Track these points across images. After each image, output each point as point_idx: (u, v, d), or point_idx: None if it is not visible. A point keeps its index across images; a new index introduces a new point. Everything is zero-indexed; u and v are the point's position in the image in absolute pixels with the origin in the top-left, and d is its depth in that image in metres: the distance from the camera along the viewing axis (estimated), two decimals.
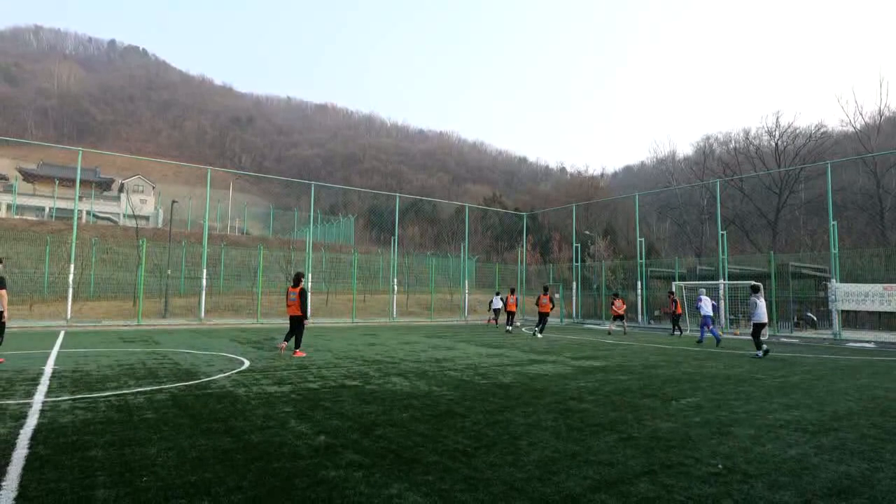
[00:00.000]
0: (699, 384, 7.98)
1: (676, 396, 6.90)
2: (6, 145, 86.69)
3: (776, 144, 53.83)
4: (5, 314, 9.43)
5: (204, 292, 22.42)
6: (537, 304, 18.66)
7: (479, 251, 52.90)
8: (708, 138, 68.52)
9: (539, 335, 17.74)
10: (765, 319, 12.44)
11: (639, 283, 27.21)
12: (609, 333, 19.76)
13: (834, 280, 19.60)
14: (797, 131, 53.03)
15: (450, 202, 64.29)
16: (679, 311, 21.21)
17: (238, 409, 5.74)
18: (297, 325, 11.27)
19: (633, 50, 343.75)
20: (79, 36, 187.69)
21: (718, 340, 15.77)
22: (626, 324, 21.53)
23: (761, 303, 12.40)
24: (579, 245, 32.27)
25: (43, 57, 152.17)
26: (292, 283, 11.50)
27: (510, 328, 21.13)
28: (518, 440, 4.61)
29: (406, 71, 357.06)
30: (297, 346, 11.30)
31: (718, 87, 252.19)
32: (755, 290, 12.74)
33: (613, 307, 20.76)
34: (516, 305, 22.64)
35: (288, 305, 11.44)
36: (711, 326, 16.19)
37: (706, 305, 16.55)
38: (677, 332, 20.48)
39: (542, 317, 18.42)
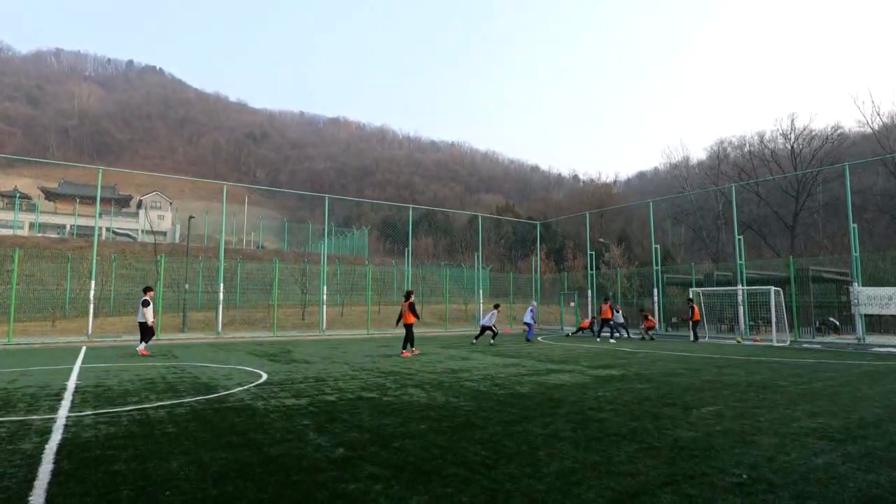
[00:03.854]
0: (720, 392, 7.85)
1: (697, 405, 6.80)
2: (29, 165, 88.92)
3: (792, 147, 53.23)
4: (148, 322, 14.09)
5: (221, 306, 22.65)
6: (599, 312, 21.37)
7: (492, 260, 52.77)
8: (721, 142, 68.09)
9: (612, 340, 20.36)
10: (486, 323, 18.40)
11: (655, 290, 26.94)
12: (652, 339, 21.32)
13: (856, 284, 19.23)
14: (813, 133, 52.46)
15: (463, 212, 64.38)
16: (697, 317, 21.06)
17: (257, 422, 5.77)
18: (410, 331, 14.15)
19: (645, 55, 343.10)
20: (98, 57, 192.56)
21: (529, 339, 20.47)
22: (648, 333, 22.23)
23: (491, 313, 18.66)
24: (594, 253, 32.07)
25: (64, 78, 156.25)
26: (404, 298, 14.52)
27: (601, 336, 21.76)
28: (537, 451, 4.57)
29: (417, 83, 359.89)
30: (404, 347, 14.16)
31: (731, 91, 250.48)
32: (496, 306, 19.52)
33: (649, 320, 22.29)
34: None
35: (401, 316, 14.30)
36: (529, 329, 21.43)
37: (527, 315, 21.50)
38: (694, 339, 20.36)
39: (605, 322, 20.98)
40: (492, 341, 18.48)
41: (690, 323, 21.12)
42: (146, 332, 14.09)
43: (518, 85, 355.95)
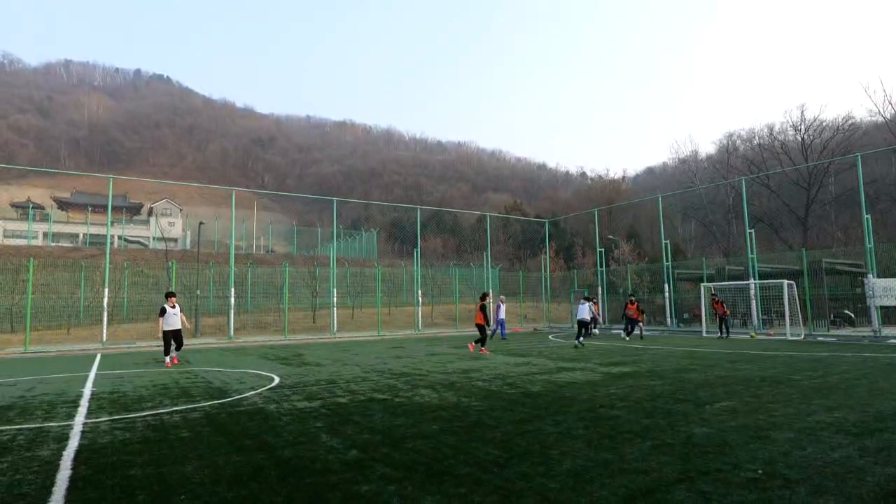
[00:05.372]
0: (733, 387, 7.79)
1: (710, 401, 6.74)
2: (41, 176, 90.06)
3: (802, 139, 52.66)
4: (187, 326, 13.45)
5: (232, 311, 22.81)
6: (625, 310, 20.67)
7: (501, 260, 52.70)
8: (731, 135, 67.32)
9: (627, 337, 19.73)
10: (583, 317, 17.12)
11: (666, 285, 26.76)
12: (641, 337, 20.46)
13: (871, 275, 18.97)
14: (823, 124, 51.84)
15: (471, 212, 64.33)
16: (727, 312, 20.45)
17: (270, 425, 5.81)
18: (481, 330, 15.06)
19: (650, 49, 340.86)
20: (106, 67, 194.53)
21: (503, 337, 20.52)
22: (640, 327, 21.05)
23: (582, 307, 17.34)
24: (603, 250, 31.92)
25: (73, 89, 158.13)
26: (479, 299, 15.77)
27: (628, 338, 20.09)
28: (549, 450, 4.56)
29: (423, 84, 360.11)
30: (483, 344, 14.96)
31: (739, 83, 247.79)
32: (587, 298, 18.78)
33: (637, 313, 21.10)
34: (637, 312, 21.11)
35: (477, 316, 15.30)
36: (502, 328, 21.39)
37: (501, 311, 21.64)
38: (725, 334, 19.77)
39: (633, 322, 20.26)
40: (579, 340, 16.70)
41: (721, 318, 20.16)
42: (163, 340, 12.91)
43: (524, 83, 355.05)
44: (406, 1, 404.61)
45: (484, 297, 15.93)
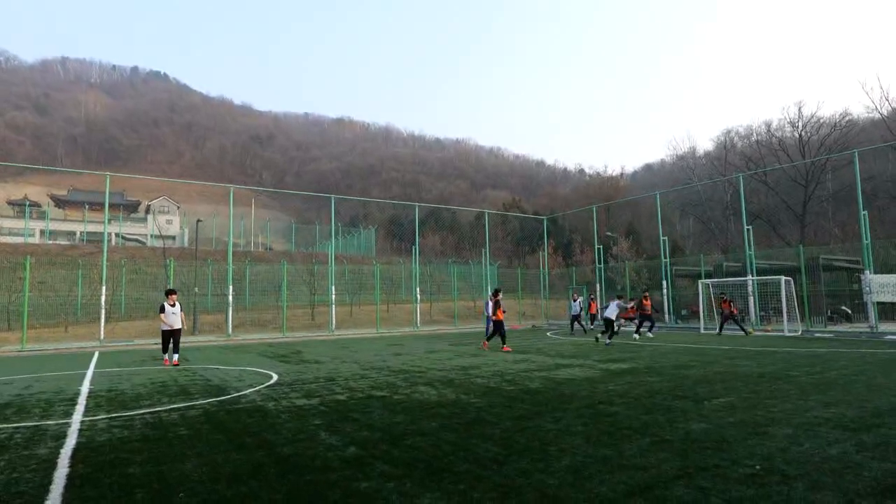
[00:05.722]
0: (732, 384, 7.80)
1: (709, 397, 6.76)
2: (38, 173, 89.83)
3: (800, 135, 52.68)
4: (184, 326, 13.03)
5: (231, 308, 22.78)
6: (640, 306, 19.60)
7: (500, 257, 52.64)
8: (728, 132, 67.42)
9: (650, 334, 18.86)
10: (609, 315, 16.05)
11: (664, 282, 26.81)
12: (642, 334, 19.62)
13: (868, 271, 19.03)
14: (821, 121, 51.87)
15: (469, 209, 64.32)
16: (735, 311, 20.28)
17: (269, 422, 5.81)
18: (495, 326, 15.01)
19: (649, 47, 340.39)
20: (103, 64, 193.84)
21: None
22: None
23: (611, 305, 16.32)
24: (601, 247, 31.94)
25: (70, 86, 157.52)
26: (493, 295, 15.57)
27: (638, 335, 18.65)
28: (548, 446, 4.56)
29: (422, 81, 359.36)
30: (503, 342, 14.68)
31: (737, 80, 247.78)
32: (620, 296, 17.66)
33: (633, 309, 20.12)
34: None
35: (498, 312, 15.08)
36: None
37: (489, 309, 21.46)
38: (724, 331, 19.60)
39: (645, 318, 19.17)
40: (608, 341, 15.67)
41: (731, 316, 19.85)
42: (162, 339, 12.52)
43: (523, 82, 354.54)
44: (406, 1, 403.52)
45: (496, 292, 15.70)
